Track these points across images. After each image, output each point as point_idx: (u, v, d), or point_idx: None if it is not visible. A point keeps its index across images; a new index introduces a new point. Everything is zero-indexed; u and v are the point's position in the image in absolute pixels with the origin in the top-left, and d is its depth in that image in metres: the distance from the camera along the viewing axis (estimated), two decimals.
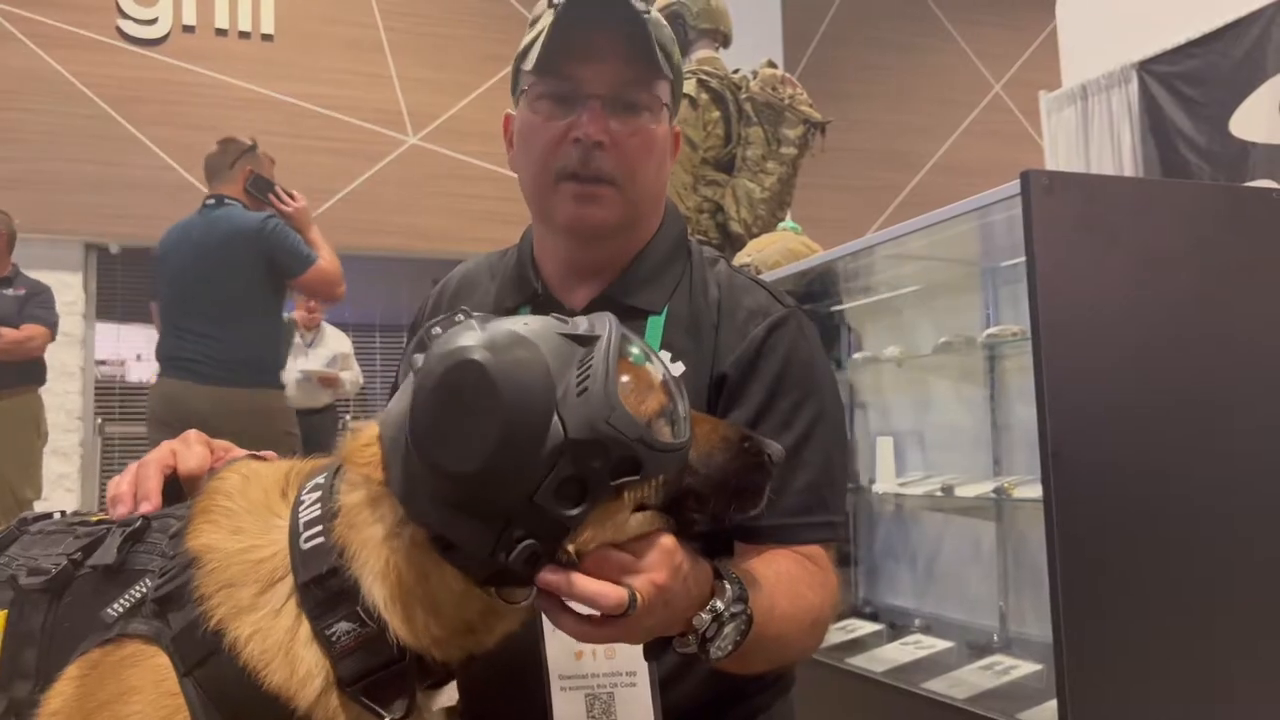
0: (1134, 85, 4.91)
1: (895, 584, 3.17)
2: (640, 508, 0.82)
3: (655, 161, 1.20)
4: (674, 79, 1.22)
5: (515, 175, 1.25)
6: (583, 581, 0.77)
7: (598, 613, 0.79)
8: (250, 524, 0.86)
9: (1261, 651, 1.92)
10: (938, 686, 2.30)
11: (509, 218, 7.92)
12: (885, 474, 3.06)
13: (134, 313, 7.63)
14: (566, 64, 1.15)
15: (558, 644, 1.11)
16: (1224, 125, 4.44)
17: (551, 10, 1.16)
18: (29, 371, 5.40)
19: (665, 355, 1.17)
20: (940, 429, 3.04)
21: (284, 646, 0.80)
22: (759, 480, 0.89)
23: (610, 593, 0.77)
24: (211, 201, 3.98)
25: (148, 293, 7.61)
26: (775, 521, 1.11)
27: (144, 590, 0.84)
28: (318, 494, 0.85)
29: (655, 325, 1.20)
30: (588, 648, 1.10)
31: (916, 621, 2.89)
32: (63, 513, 0.99)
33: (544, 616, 1.06)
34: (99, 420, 7.18)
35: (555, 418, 0.76)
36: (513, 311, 1.25)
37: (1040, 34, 8.76)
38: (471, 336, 0.78)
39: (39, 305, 5.45)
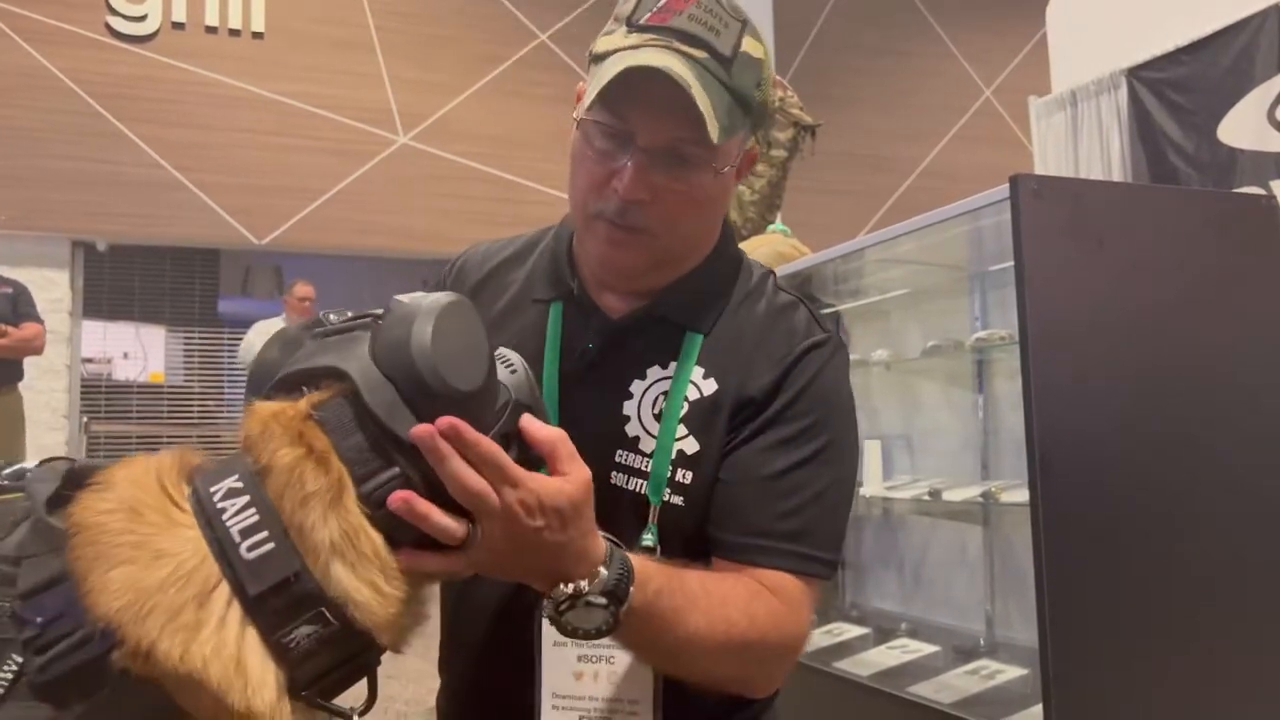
0: (1123, 91, 4.92)
1: (882, 588, 3.18)
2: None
3: (703, 213, 1.13)
4: (754, 121, 1.13)
5: (505, 176, 1.20)
6: (436, 515, 0.80)
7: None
8: (165, 543, 0.76)
9: (1247, 656, 1.92)
10: (924, 691, 2.30)
11: (499, 218, 7.92)
12: (873, 478, 3.06)
13: (121, 310, 7.61)
14: (625, 106, 1.07)
15: (555, 661, 1.06)
16: (1212, 132, 4.46)
17: (624, 32, 1.07)
18: (9, 370, 5.40)
19: (699, 372, 1.12)
20: (928, 433, 3.04)
21: (235, 658, 0.74)
22: None
23: (453, 527, 0.81)
24: None
25: (134, 290, 7.63)
26: (750, 540, 1.06)
27: (14, 668, 0.73)
28: (244, 498, 0.77)
29: (694, 340, 1.14)
30: (588, 670, 1.06)
31: (903, 625, 2.89)
32: None
33: (542, 635, 1.05)
34: (85, 418, 7.15)
35: (500, 382, 0.86)
36: (542, 306, 1.19)
37: (1030, 40, 8.80)
38: (432, 294, 0.85)
39: (29, 304, 5.46)
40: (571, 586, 0.87)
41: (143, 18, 7.22)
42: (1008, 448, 2.70)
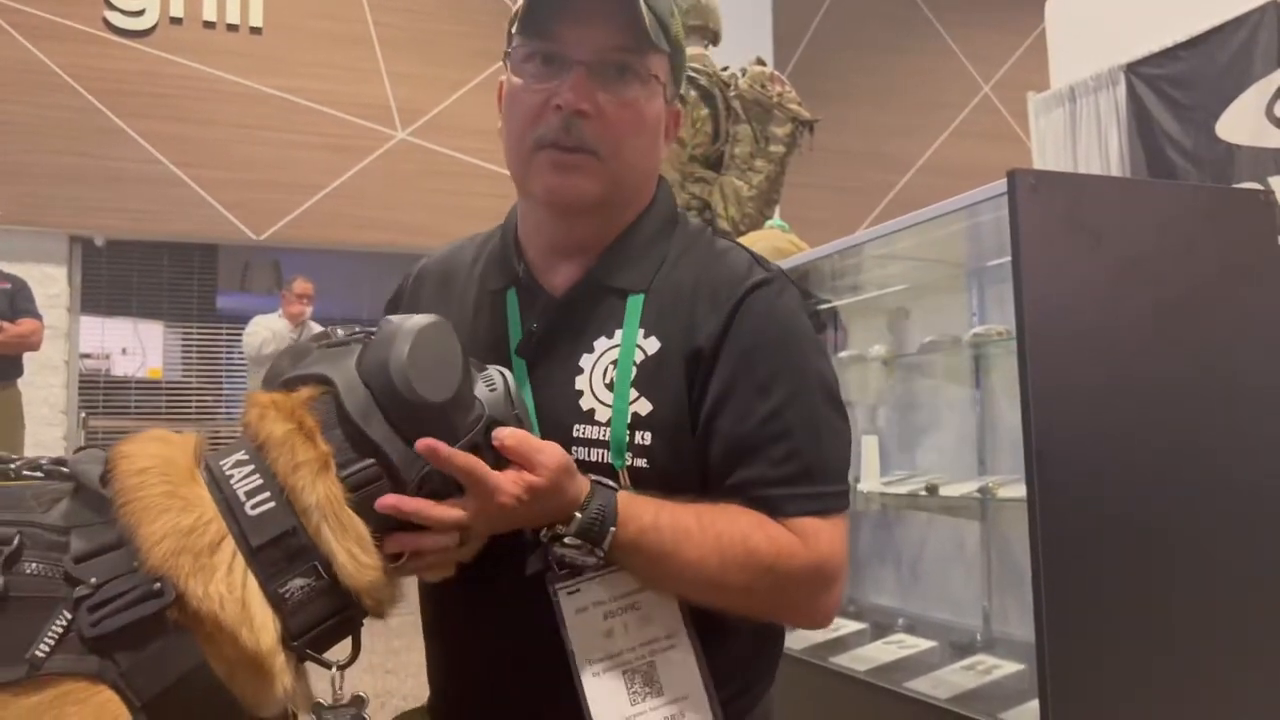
0: (1122, 87, 4.92)
1: (879, 583, 3.18)
2: None
3: (645, 137, 1.16)
4: (673, 54, 1.16)
5: (503, 171, 1.22)
6: (427, 508, 0.94)
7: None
8: (189, 494, 0.88)
9: (1243, 651, 1.93)
10: (920, 686, 2.30)
11: (498, 214, 7.83)
12: (870, 473, 3.06)
13: (119, 306, 7.60)
14: (554, 25, 1.11)
15: (581, 627, 1.06)
16: (1210, 128, 4.46)
17: None
18: (7, 366, 5.40)
19: (641, 333, 1.14)
20: (925, 428, 3.04)
21: (241, 599, 0.85)
22: None
23: (448, 518, 0.95)
24: None
25: (132, 286, 7.62)
26: (756, 492, 1.08)
27: (64, 623, 0.81)
28: (249, 466, 0.90)
29: (635, 304, 1.16)
30: (616, 624, 1.07)
31: (900, 621, 2.89)
32: None
33: (560, 605, 1.06)
34: (83, 414, 7.15)
35: (476, 398, 0.98)
36: (498, 295, 1.23)
37: (1029, 36, 8.78)
38: (422, 315, 0.97)
39: (27, 300, 5.46)
40: (550, 530, 1.02)
41: (140, 12, 7.20)
42: (1005, 443, 2.70)
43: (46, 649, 0.80)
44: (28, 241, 6.83)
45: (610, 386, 1.12)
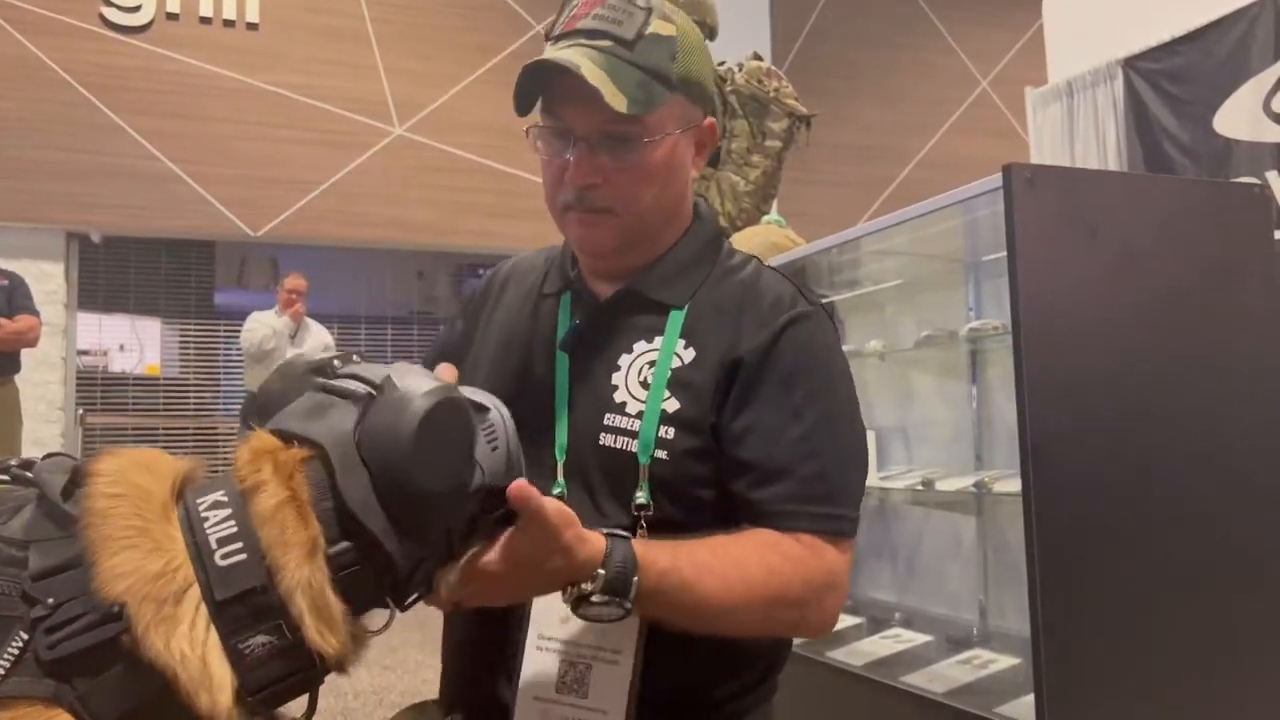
0: (1119, 82, 4.92)
1: (876, 578, 3.18)
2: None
3: (657, 184, 1.22)
4: (686, 90, 1.22)
5: (501, 168, 1.26)
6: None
7: None
8: (160, 538, 0.83)
9: (1238, 646, 1.93)
10: (917, 680, 2.31)
11: (495, 210, 7.91)
12: None
13: (116, 302, 7.60)
14: (555, 104, 1.20)
15: (546, 602, 1.11)
16: (1208, 123, 4.46)
17: (547, 48, 1.20)
18: (5, 363, 5.39)
19: (681, 343, 1.21)
20: (922, 423, 3.05)
21: (202, 658, 0.80)
22: None
23: None
24: None
25: (130, 283, 7.62)
26: (779, 506, 1.14)
27: (20, 644, 0.78)
28: (226, 510, 0.85)
29: (676, 319, 1.23)
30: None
31: (896, 615, 2.89)
32: None
33: None
34: (80, 411, 7.14)
35: (476, 462, 0.92)
36: (554, 299, 1.31)
37: (1027, 31, 8.77)
38: (428, 380, 0.89)
39: (25, 296, 5.45)
40: (575, 590, 1.00)
41: (137, 8, 7.19)
42: (1001, 438, 2.71)
43: (1, 671, 0.77)
44: (24, 238, 6.83)
45: (644, 385, 1.19)
